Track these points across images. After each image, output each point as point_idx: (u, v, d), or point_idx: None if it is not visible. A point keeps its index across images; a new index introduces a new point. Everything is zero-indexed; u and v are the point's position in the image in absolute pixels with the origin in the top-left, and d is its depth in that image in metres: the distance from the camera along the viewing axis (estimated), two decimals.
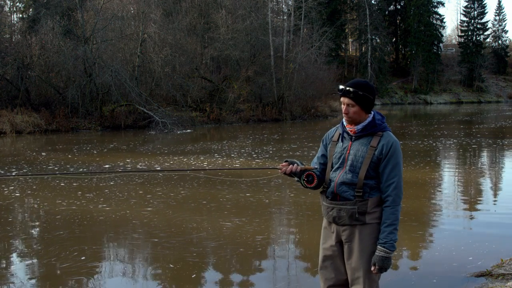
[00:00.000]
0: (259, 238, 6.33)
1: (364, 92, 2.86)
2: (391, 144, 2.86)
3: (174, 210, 7.78)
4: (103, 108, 25.35)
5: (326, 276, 3.02)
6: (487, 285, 4.59)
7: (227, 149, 15.88)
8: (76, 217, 7.36)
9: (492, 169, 11.95)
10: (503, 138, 19.22)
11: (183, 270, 5.26)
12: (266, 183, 9.58)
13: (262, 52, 32.57)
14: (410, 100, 58.23)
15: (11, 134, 21.31)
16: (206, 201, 8.33)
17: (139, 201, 8.42)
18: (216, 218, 7.23)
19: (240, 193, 8.90)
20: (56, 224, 7.10)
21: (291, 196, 8.86)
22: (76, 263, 5.40)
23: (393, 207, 2.83)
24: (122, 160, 13.38)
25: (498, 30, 68.43)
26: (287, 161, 3.04)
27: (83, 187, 9.69)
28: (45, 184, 10.04)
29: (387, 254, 2.78)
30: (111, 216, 7.41)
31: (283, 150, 15.37)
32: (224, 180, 9.88)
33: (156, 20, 27.69)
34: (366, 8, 56.42)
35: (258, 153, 14.66)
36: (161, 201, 8.40)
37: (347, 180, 2.88)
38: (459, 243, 6.01)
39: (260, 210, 7.73)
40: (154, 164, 12.55)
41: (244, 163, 12.64)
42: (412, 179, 10.02)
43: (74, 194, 8.96)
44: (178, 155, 14.28)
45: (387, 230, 2.81)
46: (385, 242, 2.79)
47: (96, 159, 13.63)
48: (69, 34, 27.08)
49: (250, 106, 30.56)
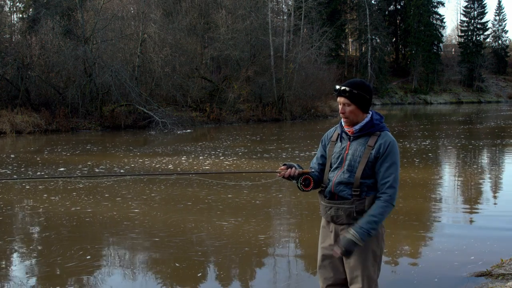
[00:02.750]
0: (262, 237, 6.34)
1: (359, 91, 2.87)
2: (388, 143, 2.86)
3: (173, 210, 7.77)
4: (103, 108, 25.34)
5: (325, 276, 3.03)
6: (487, 285, 4.58)
7: (227, 149, 15.88)
8: (77, 217, 7.36)
9: (492, 169, 11.95)
10: (503, 138, 19.22)
11: (188, 269, 5.29)
12: (264, 184, 9.58)
13: (262, 52, 32.56)
14: (410, 100, 58.22)
15: (11, 134, 21.31)
16: (205, 202, 8.32)
17: (138, 201, 8.42)
18: (216, 218, 7.22)
19: (238, 194, 8.90)
20: (57, 224, 7.10)
21: (290, 196, 8.86)
22: (81, 262, 5.43)
23: (384, 203, 2.81)
24: (123, 160, 13.38)
25: (498, 30, 68.46)
26: (286, 164, 3.07)
27: (83, 187, 9.68)
28: (45, 184, 10.04)
29: (356, 240, 2.76)
30: (108, 216, 7.40)
31: (283, 151, 15.37)
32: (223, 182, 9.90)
33: (156, 20, 27.68)
34: (366, 8, 56.43)
35: (258, 153, 14.66)
36: (160, 201, 8.40)
37: (344, 179, 2.90)
38: (459, 243, 6.01)
39: (259, 210, 7.72)
40: (154, 164, 12.55)
41: (243, 163, 12.64)
42: (412, 179, 10.02)
43: (74, 194, 8.96)
44: (178, 155, 14.28)
45: (368, 220, 2.79)
46: (360, 228, 2.77)
47: (97, 159, 13.62)
48: (69, 34, 27.07)
49: (250, 106, 30.57)
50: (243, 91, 29.75)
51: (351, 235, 2.77)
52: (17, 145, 18.32)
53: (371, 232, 2.78)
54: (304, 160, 12.90)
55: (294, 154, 14.29)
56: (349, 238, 2.77)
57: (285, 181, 3.14)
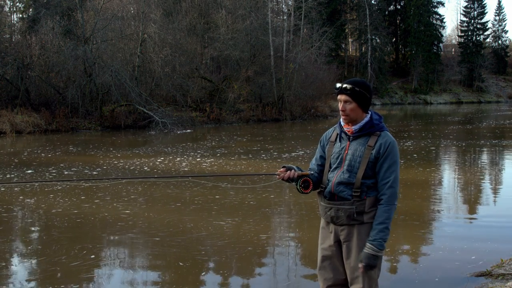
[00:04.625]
0: (264, 236, 6.35)
1: (361, 89, 2.88)
2: (388, 143, 2.86)
3: (168, 211, 7.77)
4: (103, 108, 25.34)
5: (325, 276, 3.03)
6: (487, 285, 4.59)
7: (227, 149, 15.88)
8: (77, 217, 7.36)
9: (492, 169, 11.95)
10: (503, 138, 19.22)
11: (193, 268, 5.32)
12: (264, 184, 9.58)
13: (262, 52, 32.55)
14: (410, 100, 58.18)
15: (11, 134, 21.30)
16: (204, 202, 8.32)
17: (137, 202, 8.42)
18: (213, 218, 7.22)
19: (238, 194, 8.89)
20: (59, 224, 7.10)
21: (289, 196, 8.86)
22: (86, 261, 5.46)
23: (387, 206, 2.82)
24: (123, 160, 13.38)
25: (498, 30, 68.39)
26: (285, 166, 3.06)
27: (83, 188, 9.68)
28: (44, 185, 10.03)
29: (375, 252, 2.76)
30: (107, 216, 7.40)
31: (283, 151, 15.37)
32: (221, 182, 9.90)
33: (156, 20, 27.68)
34: (366, 8, 56.40)
35: (258, 153, 14.66)
36: (159, 202, 8.40)
37: (344, 180, 2.89)
38: (460, 242, 6.01)
39: (259, 211, 7.72)
40: (155, 164, 12.55)
41: (243, 163, 12.64)
42: (413, 179, 10.02)
43: (74, 194, 8.95)
44: (178, 156, 14.28)
45: (378, 228, 2.79)
46: (374, 240, 2.78)
47: (96, 160, 13.62)
48: (69, 34, 27.05)
49: (250, 106, 30.56)
50: (243, 91, 29.75)
51: (369, 250, 2.77)
52: (16, 145, 18.32)
53: (386, 238, 2.79)
54: (304, 160, 12.91)
55: (294, 154, 14.29)
56: (368, 253, 2.77)
57: (283, 182, 3.12)
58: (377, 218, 2.81)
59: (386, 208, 2.81)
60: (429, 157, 13.76)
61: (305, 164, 11.58)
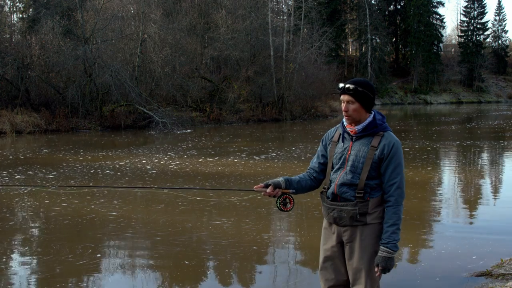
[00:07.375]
0: (266, 236, 6.35)
1: (364, 89, 2.86)
2: (392, 144, 2.84)
3: (171, 212, 7.77)
4: (103, 108, 25.33)
5: (326, 277, 3.02)
6: (487, 285, 4.59)
7: (227, 150, 15.88)
8: (78, 217, 7.36)
9: (493, 169, 11.95)
10: (503, 138, 19.22)
11: (198, 266, 5.36)
12: None
13: (262, 52, 32.55)
14: (410, 100, 58.18)
15: (11, 134, 21.30)
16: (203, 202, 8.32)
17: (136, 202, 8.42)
18: (210, 218, 7.23)
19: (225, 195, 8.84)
20: (60, 224, 7.10)
21: None
22: (92, 260, 5.49)
23: (396, 207, 2.82)
24: (123, 160, 13.38)
25: (498, 30, 68.40)
26: (267, 183, 2.98)
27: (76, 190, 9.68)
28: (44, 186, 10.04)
29: (390, 254, 2.77)
30: (106, 216, 7.41)
31: (283, 150, 15.36)
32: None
33: (156, 20, 27.67)
34: (366, 8, 56.40)
35: (258, 153, 14.65)
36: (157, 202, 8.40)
37: (347, 181, 2.87)
38: (460, 242, 6.01)
39: (254, 211, 7.72)
40: (154, 165, 12.55)
41: (243, 164, 12.64)
42: (413, 179, 10.02)
43: (74, 195, 8.95)
44: (178, 156, 14.28)
45: (390, 230, 2.80)
46: (387, 242, 2.78)
47: (97, 160, 13.62)
48: (69, 34, 27.06)
49: (250, 106, 30.55)
50: (243, 91, 29.75)
51: (384, 253, 2.78)
52: (16, 145, 18.32)
53: (398, 239, 2.81)
54: (304, 160, 12.90)
55: (294, 154, 14.29)
56: (384, 256, 2.78)
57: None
58: (387, 220, 2.82)
59: (395, 209, 2.82)
60: (429, 157, 13.76)
61: (304, 164, 11.58)
